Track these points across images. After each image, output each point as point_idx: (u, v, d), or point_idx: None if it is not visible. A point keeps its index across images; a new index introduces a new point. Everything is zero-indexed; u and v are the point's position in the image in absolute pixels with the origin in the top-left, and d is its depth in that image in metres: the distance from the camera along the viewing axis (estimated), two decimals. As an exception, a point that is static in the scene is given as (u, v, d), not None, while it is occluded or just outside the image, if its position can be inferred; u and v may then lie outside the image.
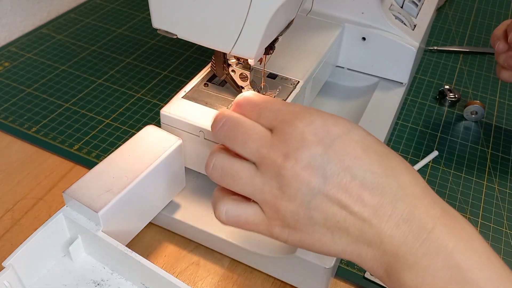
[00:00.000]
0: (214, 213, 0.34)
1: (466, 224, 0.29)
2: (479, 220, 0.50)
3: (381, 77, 0.60)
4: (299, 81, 0.47)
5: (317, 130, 0.30)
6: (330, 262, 0.39)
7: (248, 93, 0.35)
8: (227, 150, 0.33)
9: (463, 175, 0.55)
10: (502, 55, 0.54)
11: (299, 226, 0.30)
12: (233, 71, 0.42)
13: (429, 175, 0.55)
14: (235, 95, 0.44)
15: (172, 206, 0.45)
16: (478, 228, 0.49)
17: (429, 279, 0.27)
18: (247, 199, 0.33)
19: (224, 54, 0.42)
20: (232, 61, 0.42)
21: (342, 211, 0.29)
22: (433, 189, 0.36)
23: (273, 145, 0.31)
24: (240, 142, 0.32)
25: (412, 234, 0.28)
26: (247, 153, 0.32)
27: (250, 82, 0.42)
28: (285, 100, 0.44)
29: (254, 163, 0.32)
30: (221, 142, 0.33)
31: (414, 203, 0.29)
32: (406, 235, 0.28)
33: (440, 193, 0.53)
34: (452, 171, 0.55)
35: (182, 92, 0.44)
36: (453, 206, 0.49)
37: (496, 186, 0.54)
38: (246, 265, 0.45)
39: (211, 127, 0.34)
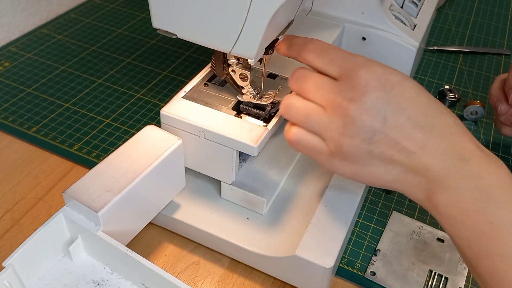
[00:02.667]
0: (286, 134, 0.38)
1: (496, 158, 0.34)
2: (479, 220, 0.50)
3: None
4: (299, 81, 0.47)
5: (378, 77, 0.35)
6: (330, 262, 0.39)
7: (317, 41, 0.39)
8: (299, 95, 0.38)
9: (463, 175, 0.55)
10: (503, 116, 0.55)
11: (357, 159, 0.35)
12: (233, 71, 0.42)
13: (429, 175, 0.55)
14: (235, 95, 0.44)
15: (172, 206, 0.45)
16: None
17: (459, 197, 0.32)
18: None
19: (224, 54, 0.42)
20: (232, 61, 0.42)
21: (397, 146, 0.34)
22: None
23: (340, 91, 0.35)
24: (311, 90, 0.37)
25: (452, 163, 0.33)
26: (317, 98, 0.37)
27: (250, 82, 0.42)
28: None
29: (323, 107, 0.36)
30: (296, 91, 0.38)
31: (456, 139, 0.34)
32: (447, 164, 0.33)
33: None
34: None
35: (182, 92, 0.44)
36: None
37: (496, 186, 0.54)
38: (246, 265, 0.45)
39: (289, 80, 0.39)
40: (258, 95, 0.43)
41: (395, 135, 0.34)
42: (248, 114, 0.43)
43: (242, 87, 0.43)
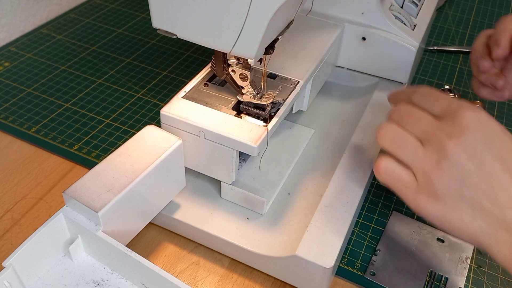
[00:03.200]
0: (374, 167, 0.38)
1: None
2: (479, 220, 0.50)
3: (381, 77, 0.60)
4: (299, 81, 0.47)
5: (482, 122, 0.34)
6: (330, 262, 0.39)
7: (426, 87, 0.40)
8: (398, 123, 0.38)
9: (463, 175, 0.55)
10: (484, 74, 0.53)
11: (445, 199, 0.34)
12: (233, 71, 0.42)
13: (429, 175, 0.55)
14: (235, 95, 0.44)
15: (172, 206, 0.45)
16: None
17: None
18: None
19: (224, 54, 0.42)
20: (232, 61, 0.42)
21: (491, 195, 0.33)
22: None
23: (440, 126, 0.35)
24: (412, 122, 0.37)
25: None
26: (415, 130, 0.37)
27: (250, 82, 0.42)
28: (284, 101, 0.44)
29: (420, 140, 0.36)
30: (395, 121, 0.38)
31: None
32: None
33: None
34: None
35: (182, 92, 0.44)
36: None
37: (496, 186, 0.54)
38: (246, 265, 0.45)
39: (390, 112, 0.39)
40: (258, 95, 0.43)
41: (490, 183, 0.33)
42: (248, 114, 0.43)
43: (242, 87, 0.43)
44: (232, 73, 0.42)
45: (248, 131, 0.40)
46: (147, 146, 0.41)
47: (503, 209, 0.32)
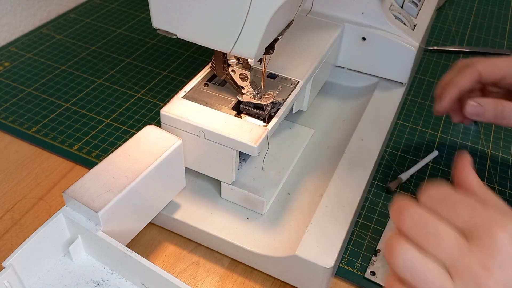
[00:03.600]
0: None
1: None
2: (479, 220, 0.50)
3: (381, 77, 0.60)
4: (299, 81, 0.47)
5: None
6: (330, 262, 0.39)
7: (440, 187, 0.31)
8: (412, 242, 0.30)
9: (463, 175, 0.55)
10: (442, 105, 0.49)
11: None
12: (233, 71, 0.42)
13: (429, 175, 0.55)
14: (235, 95, 0.44)
15: (172, 206, 0.45)
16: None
17: None
18: None
19: (224, 54, 0.42)
20: (232, 61, 0.42)
21: None
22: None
23: (470, 251, 0.28)
24: (432, 243, 0.29)
25: None
26: (439, 254, 0.29)
27: (250, 82, 0.42)
28: (284, 101, 0.44)
29: (445, 266, 0.29)
30: (408, 235, 0.30)
31: None
32: None
33: (440, 193, 0.52)
34: (452, 171, 0.55)
35: (182, 92, 0.44)
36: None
37: (496, 186, 0.54)
38: (246, 265, 0.45)
39: (394, 215, 0.31)
40: (258, 95, 0.43)
41: None
42: (248, 114, 0.43)
43: (242, 87, 0.43)
44: (232, 73, 0.42)
45: (248, 131, 0.40)
46: (147, 146, 0.41)
47: None
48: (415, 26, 0.60)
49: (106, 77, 0.66)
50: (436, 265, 0.29)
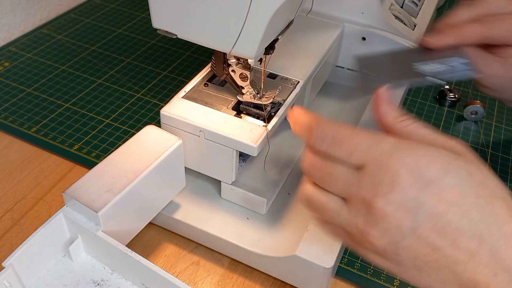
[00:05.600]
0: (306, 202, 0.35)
1: None
2: (479, 220, 0.50)
3: (381, 77, 0.60)
4: (299, 81, 0.47)
5: (409, 172, 0.29)
6: (330, 262, 0.39)
7: (336, 127, 0.33)
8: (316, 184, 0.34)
9: (463, 175, 0.55)
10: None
11: (384, 257, 0.31)
12: (233, 71, 0.42)
13: (429, 175, 0.55)
14: (235, 95, 0.44)
15: (172, 206, 0.45)
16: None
17: None
18: None
19: (224, 54, 0.42)
20: (232, 61, 0.42)
21: (435, 253, 0.29)
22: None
23: (362, 184, 0.30)
24: (327, 183, 0.32)
25: (510, 285, 0.27)
26: (335, 191, 0.32)
27: (250, 82, 0.42)
28: (284, 101, 0.44)
29: (343, 198, 0.32)
30: (310, 178, 0.34)
31: None
32: (503, 284, 0.27)
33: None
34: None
35: (182, 92, 0.44)
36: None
37: (496, 186, 0.54)
38: (246, 265, 0.45)
39: (303, 166, 0.34)
40: (258, 95, 0.43)
41: (430, 241, 0.28)
42: (248, 114, 0.43)
43: (242, 87, 0.43)
44: (232, 73, 0.42)
45: (248, 131, 0.40)
46: (147, 146, 0.41)
47: (451, 266, 0.28)
48: (415, 26, 0.60)
49: (106, 77, 0.66)
50: (331, 197, 0.32)
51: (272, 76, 0.47)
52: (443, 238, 0.28)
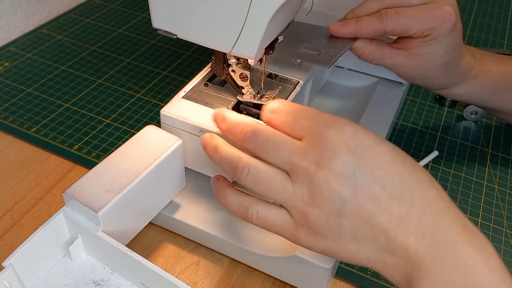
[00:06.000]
0: (245, 215, 0.35)
1: (485, 242, 0.30)
2: (479, 220, 0.50)
3: (381, 77, 0.60)
4: (299, 81, 0.47)
5: (348, 140, 0.31)
6: (330, 262, 0.39)
7: (281, 101, 0.36)
8: (259, 159, 0.34)
9: (463, 175, 0.55)
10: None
11: (326, 233, 0.32)
12: (233, 71, 0.42)
13: (429, 175, 0.55)
14: (235, 95, 0.44)
15: (172, 206, 0.46)
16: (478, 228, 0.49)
17: None
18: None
19: (224, 54, 0.42)
20: (232, 61, 0.42)
21: (371, 220, 0.30)
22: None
23: (305, 154, 0.31)
24: (271, 153, 0.33)
25: (435, 247, 0.29)
26: (278, 162, 0.33)
27: (250, 82, 0.42)
28: (286, 100, 0.44)
29: (286, 171, 0.32)
30: (252, 152, 0.34)
31: (439, 217, 0.30)
32: (430, 247, 0.29)
33: (440, 193, 0.52)
34: (452, 171, 0.55)
35: (182, 92, 0.44)
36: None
37: (496, 186, 0.54)
38: (246, 265, 0.45)
39: (239, 139, 0.35)
40: (258, 95, 0.43)
41: (367, 207, 0.30)
42: (248, 114, 0.43)
43: (242, 87, 0.43)
44: (232, 73, 0.42)
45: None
46: (147, 146, 0.41)
47: (384, 232, 0.30)
48: (415, 26, 0.60)
49: (106, 77, 0.66)
50: (277, 171, 0.32)
51: (272, 76, 0.47)
52: (378, 204, 0.30)
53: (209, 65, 0.46)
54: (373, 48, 0.46)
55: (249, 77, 0.42)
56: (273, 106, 0.35)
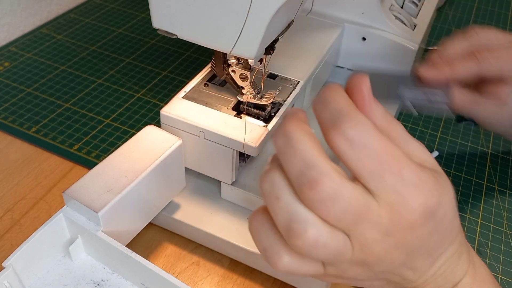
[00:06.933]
0: (269, 257, 0.28)
1: (484, 270, 0.31)
2: (479, 220, 0.50)
3: (381, 77, 0.60)
4: (299, 81, 0.47)
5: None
6: (330, 262, 0.39)
7: (363, 126, 0.26)
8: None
9: (463, 175, 0.55)
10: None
11: (351, 279, 0.29)
12: (233, 71, 0.42)
13: (429, 175, 0.55)
14: (235, 95, 0.44)
15: (172, 206, 0.45)
16: (478, 228, 0.49)
17: None
18: None
19: (224, 54, 0.42)
20: (232, 61, 0.42)
21: (402, 265, 0.28)
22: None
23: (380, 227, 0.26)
24: (348, 225, 0.26)
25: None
26: (341, 226, 0.26)
27: (250, 82, 0.42)
28: (285, 101, 0.44)
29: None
30: (311, 208, 0.26)
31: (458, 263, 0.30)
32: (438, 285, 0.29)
33: (440, 193, 0.52)
34: (452, 171, 0.55)
35: (182, 92, 0.44)
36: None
37: (496, 186, 0.54)
38: (246, 265, 0.45)
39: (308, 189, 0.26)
40: (258, 95, 0.43)
41: (402, 249, 0.27)
42: (248, 114, 0.43)
43: (242, 87, 0.43)
44: (232, 73, 0.42)
45: (248, 131, 0.40)
46: (147, 146, 0.41)
47: (408, 280, 0.29)
48: (415, 26, 0.60)
49: (106, 77, 0.66)
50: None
51: (272, 76, 0.47)
52: (408, 251, 0.27)
53: (209, 65, 0.46)
54: (466, 97, 0.44)
55: (249, 77, 0.42)
56: (351, 133, 0.26)
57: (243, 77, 0.42)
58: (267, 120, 0.42)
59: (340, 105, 0.27)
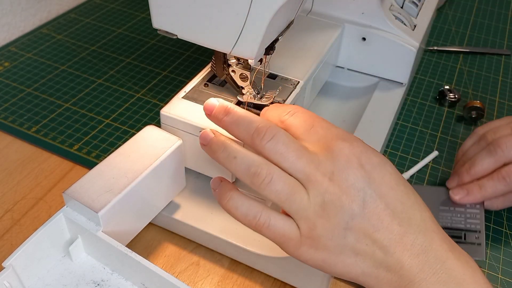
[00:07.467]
0: (255, 222, 0.34)
1: (469, 259, 0.33)
2: (479, 220, 0.50)
3: (381, 77, 0.60)
4: (299, 81, 0.47)
5: (360, 155, 0.33)
6: (330, 262, 0.39)
7: (299, 106, 0.37)
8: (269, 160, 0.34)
9: (463, 175, 0.55)
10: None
11: (328, 245, 0.32)
12: (233, 71, 0.42)
13: (429, 175, 0.55)
14: (235, 95, 0.44)
15: (172, 206, 0.46)
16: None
17: None
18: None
19: (224, 54, 0.42)
20: (232, 61, 0.42)
21: (373, 236, 0.31)
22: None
23: (319, 163, 0.32)
24: (291, 159, 0.33)
25: (428, 264, 0.31)
26: (294, 169, 0.33)
27: (250, 82, 0.42)
28: (284, 101, 0.44)
29: (299, 180, 0.33)
30: (267, 154, 0.34)
31: (432, 237, 0.32)
32: (423, 264, 0.31)
33: (440, 193, 0.52)
34: (452, 171, 0.55)
35: (182, 92, 0.44)
36: (453, 206, 0.49)
37: (496, 186, 0.54)
38: (246, 265, 0.45)
39: (249, 135, 0.34)
40: (258, 95, 0.43)
41: (372, 222, 0.31)
42: (248, 114, 0.43)
43: (242, 88, 0.43)
44: (232, 73, 0.42)
45: (248, 131, 0.40)
46: (147, 146, 0.41)
47: (384, 248, 0.31)
48: (415, 26, 0.60)
49: (106, 77, 0.66)
50: (295, 180, 0.33)
51: (272, 76, 0.47)
52: (381, 220, 0.31)
53: (209, 65, 0.46)
54: (501, 201, 0.49)
55: (249, 77, 0.42)
56: (292, 109, 0.36)
57: (243, 77, 0.42)
58: (267, 120, 0.42)
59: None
